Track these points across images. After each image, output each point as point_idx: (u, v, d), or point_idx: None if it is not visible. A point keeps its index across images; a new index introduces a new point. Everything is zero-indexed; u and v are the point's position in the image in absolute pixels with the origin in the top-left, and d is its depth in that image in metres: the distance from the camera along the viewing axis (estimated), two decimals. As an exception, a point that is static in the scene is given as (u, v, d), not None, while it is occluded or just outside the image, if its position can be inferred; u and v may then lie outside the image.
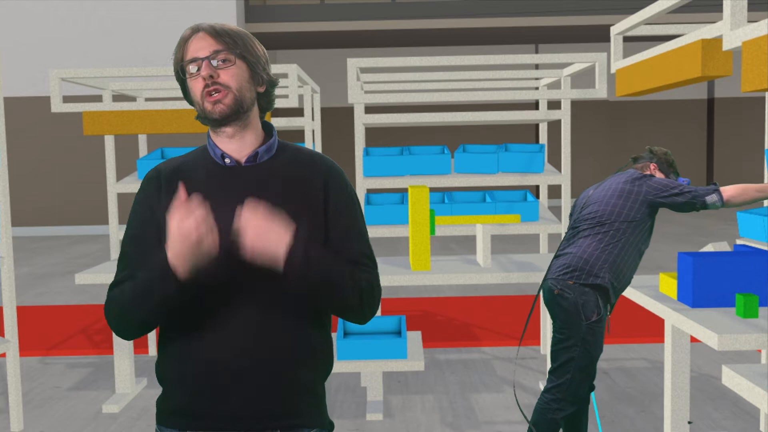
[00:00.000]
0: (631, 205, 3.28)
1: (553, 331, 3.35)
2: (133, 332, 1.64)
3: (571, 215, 3.61)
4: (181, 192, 1.53)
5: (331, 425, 1.80)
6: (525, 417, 3.42)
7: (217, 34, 1.67)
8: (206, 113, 1.67)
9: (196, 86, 1.67)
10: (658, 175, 3.51)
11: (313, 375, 1.71)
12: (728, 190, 3.20)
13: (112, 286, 1.69)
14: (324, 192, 1.71)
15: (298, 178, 1.71)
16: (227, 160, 1.70)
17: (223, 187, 1.68)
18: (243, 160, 1.70)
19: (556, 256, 3.43)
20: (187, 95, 1.72)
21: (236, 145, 1.71)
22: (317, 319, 1.72)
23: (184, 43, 1.69)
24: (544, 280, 3.41)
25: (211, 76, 1.64)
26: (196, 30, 1.68)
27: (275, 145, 1.75)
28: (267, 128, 1.78)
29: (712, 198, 3.19)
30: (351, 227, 1.72)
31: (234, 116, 1.67)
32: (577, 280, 3.25)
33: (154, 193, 1.70)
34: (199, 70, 1.66)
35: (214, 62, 1.66)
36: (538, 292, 3.43)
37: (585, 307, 3.24)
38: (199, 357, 1.64)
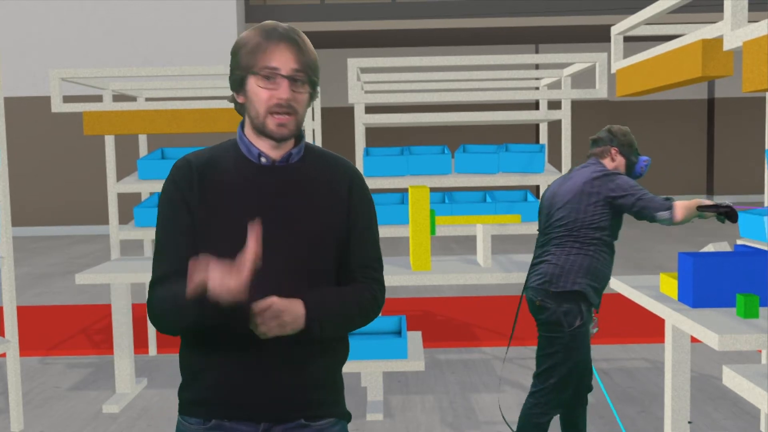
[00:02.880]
0: (593, 209, 3.23)
1: (538, 337, 3.36)
2: (177, 333, 1.68)
3: (540, 211, 3.54)
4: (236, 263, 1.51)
5: (349, 416, 1.85)
6: (510, 427, 3.45)
7: (301, 52, 1.65)
8: (265, 129, 1.67)
9: (263, 95, 1.66)
10: (619, 159, 3.42)
11: (333, 364, 1.79)
12: (678, 210, 3.14)
13: (153, 284, 1.72)
14: (348, 196, 1.78)
15: (325, 181, 1.77)
16: (263, 159, 1.72)
17: (256, 184, 1.71)
18: (278, 159, 1.74)
19: (532, 264, 3.41)
20: (236, 86, 1.70)
21: (276, 149, 1.74)
22: None
23: (264, 43, 1.65)
24: (525, 287, 3.40)
25: (289, 100, 1.65)
26: (280, 37, 1.65)
27: (304, 145, 1.79)
28: None
29: (662, 215, 3.15)
30: (368, 231, 1.82)
31: (291, 137, 1.70)
32: (555, 289, 3.23)
33: (187, 184, 1.71)
34: (271, 80, 1.65)
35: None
36: (522, 293, 3.42)
37: (568, 315, 3.23)
38: (223, 350, 1.70)
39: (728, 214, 3.15)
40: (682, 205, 3.15)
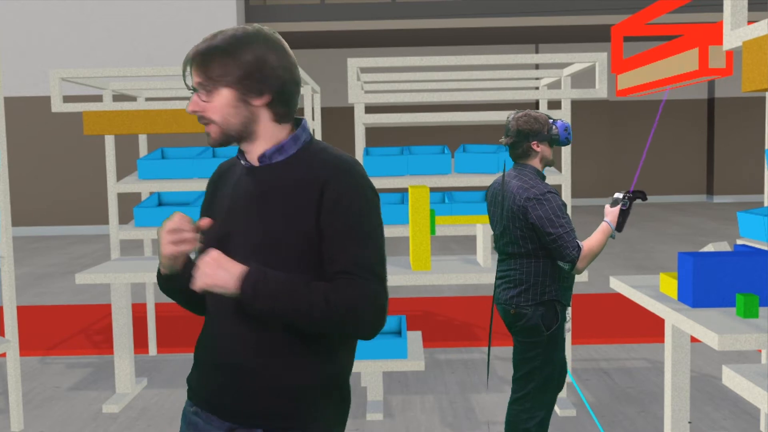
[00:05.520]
0: (530, 232, 3.18)
1: (514, 342, 3.34)
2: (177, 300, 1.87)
3: (489, 220, 3.47)
4: (174, 216, 1.69)
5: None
6: None
7: (197, 64, 1.66)
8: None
9: None
10: (542, 147, 3.29)
11: (304, 379, 1.68)
12: (582, 260, 3.12)
13: None
14: (320, 192, 1.62)
15: (298, 180, 1.65)
16: (243, 162, 1.76)
17: (238, 187, 1.75)
18: (255, 161, 1.74)
19: (497, 277, 3.36)
20: None
21: (249, 153, 1.75)
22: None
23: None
24: (496, 301, 3.35)
25: (195, 112, 1.70)
26: (190, 54, 1.71)
27: (291, 145, 1.71)
28: (295, 127, 1.77)
29: (563, 264, 3.13)
30: (347, 230, 1.62)
31: (225, 143, 1.72)
32: (527, 302, 3.22)
33: (209, 188, 1.87)
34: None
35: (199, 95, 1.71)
36: (493, 304, 3.36)
37: (544, 319, 3.21)
38: (205, 350, 1.78)
39: (637, 198, 3.24)
40: (587, 254, 3.12)
